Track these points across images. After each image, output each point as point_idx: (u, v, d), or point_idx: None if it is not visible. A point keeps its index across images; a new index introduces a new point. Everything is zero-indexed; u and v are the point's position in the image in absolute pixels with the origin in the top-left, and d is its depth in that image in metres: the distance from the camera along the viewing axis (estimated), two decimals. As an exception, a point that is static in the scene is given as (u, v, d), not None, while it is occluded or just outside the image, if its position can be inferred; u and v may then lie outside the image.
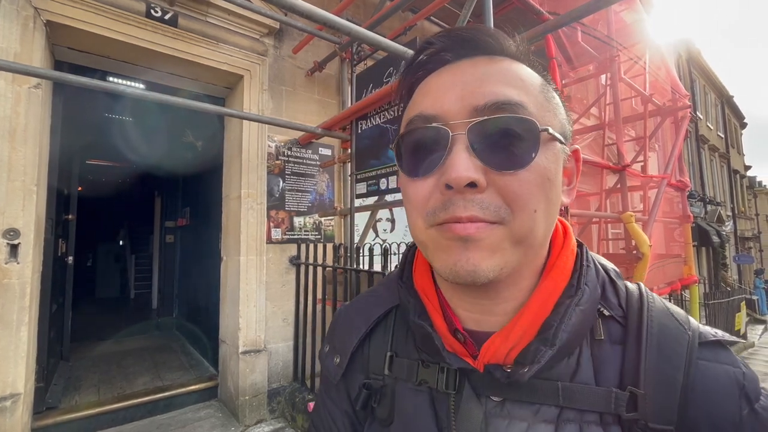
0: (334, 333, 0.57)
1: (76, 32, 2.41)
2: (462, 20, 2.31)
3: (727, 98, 18.40)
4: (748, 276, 17.40)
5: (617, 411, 0.38)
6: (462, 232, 0.36)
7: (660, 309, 0.42)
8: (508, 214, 0.36)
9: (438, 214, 0.37)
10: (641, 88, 4.45)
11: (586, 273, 0.43)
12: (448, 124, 0.38)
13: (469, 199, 0.36)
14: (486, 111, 0.37)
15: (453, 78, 0.40)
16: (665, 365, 0.39)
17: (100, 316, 6.06)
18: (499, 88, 0.38)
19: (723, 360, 0.40)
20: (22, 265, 2.10)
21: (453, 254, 0.37)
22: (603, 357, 0.41)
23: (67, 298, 3.47)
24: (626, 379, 0.39)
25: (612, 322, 0.42)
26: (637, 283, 0.46)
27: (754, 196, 22.87)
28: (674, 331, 0.40)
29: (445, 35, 0.42)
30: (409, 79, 0.45)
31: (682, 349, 0.39)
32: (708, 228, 12.35)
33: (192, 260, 4.51)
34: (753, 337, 9.10)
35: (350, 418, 0.52)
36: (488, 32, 0.42)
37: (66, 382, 3.15)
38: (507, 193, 0.36)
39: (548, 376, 0.40)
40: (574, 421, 0.38)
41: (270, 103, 3.19)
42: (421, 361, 0.46)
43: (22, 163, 2.12)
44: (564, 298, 0.41)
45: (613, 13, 3.98)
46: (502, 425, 0.40)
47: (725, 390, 0.38)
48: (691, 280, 4.86)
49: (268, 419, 2.87)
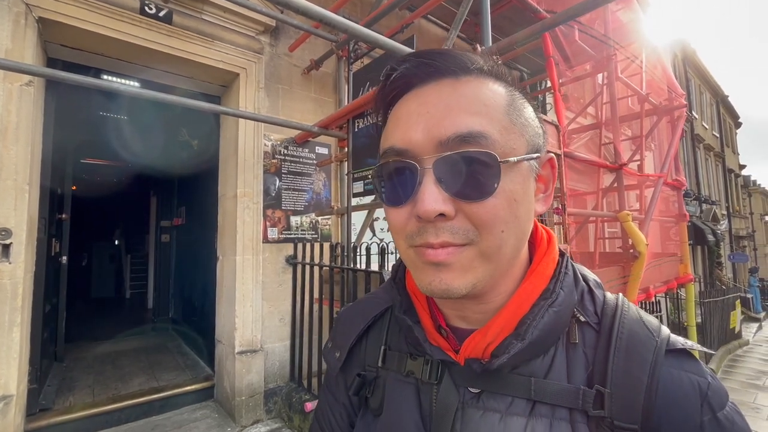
0: (336, 330, 0.62)
1: (68, 29, 2.38)
2: (459, 19, 2.30)
3: (722, 98, 18.52)
4: (743, 274, 17.54)
5: (584, 407, 0.41)
6: (434, 259, 0.40)
7: (632, 317, 0.45)
8: (476, 235, 0.40)
9: (414, 239, 0.41)
10: (638, 88, 4.46)
11: (563, 279, 0.46)
12: (417, 159, 0.41)
13: (439, 227, 0.40)
14: (450, 144, 0.39)
15: (419, 107, 0.42)
16: (631, 367, 0.41)
17: (95, 317, 6.02)
18: (462, 119, 0.40)
19: (688, 368, 0.42)
20: (14, 266, 2.07)
21: (428, 275, 0.41)
22: (576, 359, 0.44)
23: (60, 299, 3.44)
24: (595, 378, 0.42)
25: (587, 328, 0.46)
26: (617, 294, 0.49)
27: (748, 195, 23.04)
28: (643, 338, 0.43)
29: (411, 59, 0.44)
30: (380, 103, 0.48)
31: (648, 354, 0.41)
32: (703, 227, 12.43)
33: (188, 260, 4.48)
34: (748, 335, 9.17)
35: (347, 408, 0.57)
36: (451, 56, 0.43)
37: (60, 383, 3.12)
38: (474, 218, 0.40)
39: (523, 372, 0.43)
40: (546, 416, 0.41)
41: (266, 101, 3.16)
42: (409, 353, 0.51)
43: (13, 162, 2.09)
44: (540, 300, 0.44)
45: (609, 12, 3.98)
46: (477, 415, 0.44)
47: (687, 396, 0.40)
48: (686, 279, 4.88)
49: (265, 419, 2.85)
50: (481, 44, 2.26)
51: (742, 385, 5.78)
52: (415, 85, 0.44)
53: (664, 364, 0.41)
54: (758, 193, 25.15)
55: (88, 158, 5.87)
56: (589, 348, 0.44)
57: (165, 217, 5.33)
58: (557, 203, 2.86)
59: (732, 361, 7.13)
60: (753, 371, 6.49)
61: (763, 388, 5.56)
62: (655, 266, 4.16)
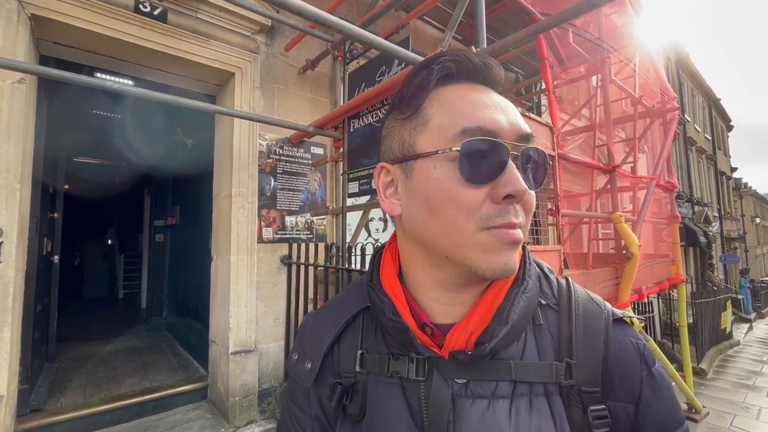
0: (303, 340, 0.59)
1: (62, 26, 2.36)
2: (455, 20, 2.31)
3: (714, 101, 18.74)
4: (734, 275, 17.74)
5: (558, 380, 0.46)
6: (516, 238, 0.44)
7: (583, 296, 0.52)
8: (524, 219, 0.46)
9: (493, 219, 0.43)
10: (631, 90, 4.50)
11: (529, 268, 0.52)
12: (509, 144, 0.44)
13: (518, 208, 0.45)
14: (525, 139, 0.46)
15: (489, 100, 0.46)
16: (590, 339, 0.48)
17: (87, 316, 5.96)
18: (524, 122, 0.47)
19: (628, 333, 0.50)
20: (4, 265, 2.05)
21: (503, 256, 0.44)
22: (543, 339, 0.49)
23: (52, 298, 3.40)
24: (562, 353, 0.48)
25: (548, 310, 0.51)
26: (565, 277, 0.56)
27: (739, 198, 23.32)
28: (595, 312, 0.50)
29: (480, 59, 0.48)
30: (426, 77, 0.48)
31: (601, 325, 0.49)
32: (695, 228, 12.56)
33: (182, 259, 4.45)
34: (738, 336, 9.27)
35: (320, 422, 0.54)
36: (499, 68, 0.49)
37: (51, 383, 3.09)
38: (527, 204, 0.46)
39: (502, 356, 0.47)
40: (525, 394, 0.46)
41: (261, 100, 3.16)
42: (391, 354, 0.51)
43: (5, 160, 2.07)
44: (513, 288, 0.49)
45: (603, 16, 4.01)
46: (467, 404, 0.46)
47: (631, 357, 0.48)
48: (678, 280, 4.92)
49: (259, 420, 2.84)
50: (477, 46, 2.27)
51: (733, 385, 5.84)
52: (466, 80, 0.48)
53: (612, 332, 0.49)
54: (749, 195, 25.47)
55: (81, 157, 5.82)
56: (552, 327, 0.50)
57: (159, 216, 5.30)
58: (551, 204, 2.88)
59: (723, 361, 7.21)
60: (743, 371, 6.56)
61: (753, 388, 5.63)
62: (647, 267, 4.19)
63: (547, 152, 2.72)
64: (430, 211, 0.46)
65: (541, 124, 2.74)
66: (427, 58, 0.50)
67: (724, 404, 4.97)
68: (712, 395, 5.33)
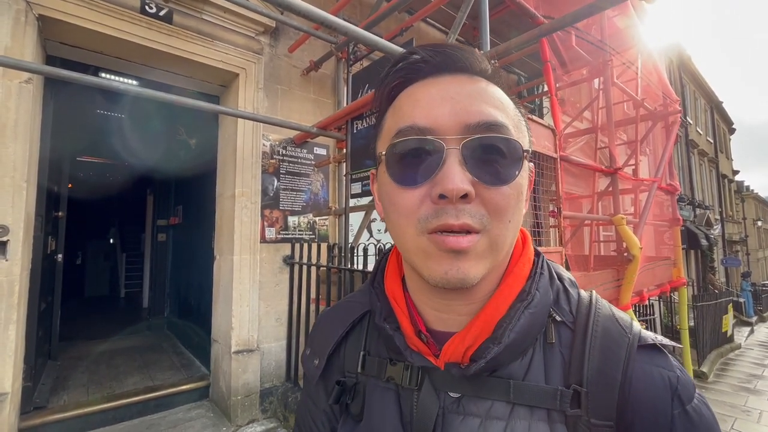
0: (314, 337, 0.61)
1: (68, 27, 2.38)
2: (458, 22, 2.32)
3: (716, 104, 18.72)
4: (736, 279, 17.70)
5: (562, 408, 0.41)
6: (456, 246, 0.39)
7: (605, 315, 0.46)
8: (489, 222, 0.40)
9: (430, 221, 0.40)
10: (633, 93, 4.51)
11: (538, 280, 0.47)
12: (443, 138, 0.40)
13: (460, 208, 0.39)
14: (477, 129, 0.40)
15: (441, 92, 0.42)
16: (605, 365, 0.42)
17: (89, 315, 5.98)
18: (487, 109, 0.41)
19: (658, 363, 0.43)
20: (10, 263, 2.06)
21: (443, 264, 0.40)
22: (553, 359, 0.44)
23: (56, 297, 3.42)
24: (572, 378, 0.42)
25: (563, 327, 0.46)
26: (590, 291, 0.49)
27: (741, 201, 23.27)
28: (616, 335, 0.44)
29: (433, 49, 0.44)
30: (389, 83, 0.47)
31: (621, 351, 0.42)
32: (697, 231, 12.54)
33: (184, 259, 4.47)
34: (740, 339, 9.25)
35: (328, 415, 0.55)
36: (471, 53, 0.44)
37: (54, 381, 3.10)
38: (490, 204, 0.40)
39: (502, 374, 0.43)
40: (525, 418, 0.41)
41: (265, 101, 3.17)
42: (389, 359, 0.50)
43: (11, 159, 2.09)
44: (516, 302, 0.45)
45: (606, 18, 4.03)
46: (456, 420, 0.44)
47: (658, 390, 0.41)
48: (679, 283, 4.93)
49: (261, 419, 2.85)
50: (480, 48, 2.28)
51: (734, 388, 5.83)
52: (429, 74, 0.44)
53: (637, 359, 0.42)
54: (751, 198, 25.41)
55: (85, 156, 5.84)
56: (565, 347, 0.45)
57: (162, 215, 5.32)
58: (553, 206, 2.89)
59: (724, 364, 7.20)
60: (744, 375, 6.55)
61: (754, 392, 5.62)
62: (648, 269, 4.20)
63: (550, 154, 2.74)
64: (386, 215, 0.46)
65: (543, 126, 2.75)
66: (389, 64, 0.47)
67: (725, 407, 4.96)
68: (713, 398, 5.33)
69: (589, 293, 0.49)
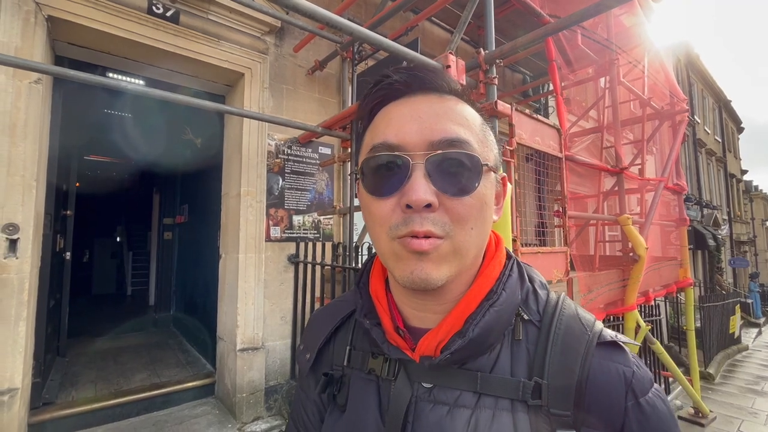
0: (307, 333, 0.66)
1: (77, 28, 2.41)
2: (463, 21, 2.32)
3: (724, 102, 18.51)
4: (743, 279, 17.52)
5: (524, 398, 0.45)
6: (418, 248, 0.43)
7: (570, 314, 0.50)
8: (451, 229, 0.44)
9: (399, 228, 0.44)
10: (640, 92, 4.47)
11: (506, 280, 0.51)
12: (409, 154, 0.45)
13: (424, 216, 0.43)
14: (440, 145, 0.45)
15: (411, 112, 0.47)
16: (565, 360, 0.46)
17: (96, 313, 6.05)
18: (450, 126, 0.46)
19: (615, 359, 0.46)
20: (20, 260, 2.09)
21: (409, 265, 0.44)
22: (519, 354, 0.48)
23: (64, 294, 3.46)
24: (534, 371, 0.46)
25: (530, 325, 0.50)
26: (559, 294, 0.54)
27: (749, 201, 23.00)
28: (577, 332, 0.48)
29: (407, 72, 0.50)
30: (369, 103, 0.52)
31: (581, 347, 0.46)
32: (704, 231, 12.43)
33: (190, 257, 4.50)
34: (747, 341, 9.16)
35: (318, 405, 0.60)
36: (443, 74, 0.50)
37: (63, 377, 3.15)
38: (452, 213, 0.44)
39: (471, 367, 0.48)
40: (489, 408, 0.45)
41: (270, 101, 3.19)
42: (371, 352, 0.55)
43: (21, 158, 2.12)
44: (484, 300, 0.49)
45: (612, 17, 4.00)
46: (427, 407, 0.48)
47: (614, 383, 0.45)
48: (686, 283, 4.88)
49: (265, 417, 2.87)
50: (485, 47, 2.28)
51: (741, 390, 5.78)
52: (404, 94, 0.49)
53: (595, 355, 0.46)
54: (760, 198, 25.12)
55: (93, 155, 5.90)
56: (531, 344, 0.49)
57: (168, 214, 5.36)
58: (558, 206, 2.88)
59: (731, 366, 7.13)
60: (752, 376, 6.49)
61: (761, 393, 5.57)
62: (654, 270, 4.17)
63: (555, 154, 2.73)
64: (365, 222, 0.51)
65: (549, 126, 2.74)
66: (375, 81, 0.52)
67: (732, 409, 4.92)
68: (720, 400, 5.29)
69: (558, 295, 0.53)
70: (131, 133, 4.45)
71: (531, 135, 2.50)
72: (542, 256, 2.50)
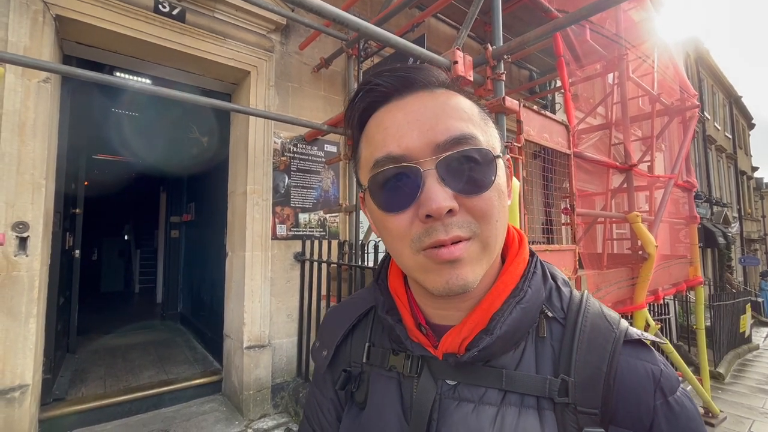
0: (323, 330, 0.65)
1: (84, 27, 2.42)
2: (470, 18, 2.30)
3: (735, 98, 18.21)
4: (754, 278, 17.26)
5: (551, 395, 0.44)
6: (449, 257, 0.42)
7: (595, 312, 0.49)
8: (477, 227, 0.43)
9: (423, 240, 0.43)
10: (649, 88, 4.41)
11: (531, 278, 0.50)
12: (417, 162, 0.43)
13: (447, 223, 0.42)
14: (447, 146, 0.43)
15: (407, 116, 0.45)
16: (592, 357, 0.45)
17: (105, 310, 6.12)
18: (452, 123, 0.44)
19: (643, 357, 0.46)
20: (30, 258, 2.12)
21: (443, 275, 0.43)
22: (544, 351, 0.47)
23: (73, 292, 3.50)
24: (560, 369, 0.45)
25: (555, 323, 0.49)
26: (582, 291, 0.53)
27: (761, 198, 22.64)
28: (603, 330, 0.47)
29: (390, 74, 0.48)
30: (356, 111, 0.50)
31: (608, 345, 0.45)
32: (714, 229, 12.26)
33: (197, 255, 4.53)
34: (758, 340, 9.02)
35: (334, 404, 0.60)
36: (427, 69, 0.48)
37: (72, 374, 3.18)
38: (475, 211, 0.43)
39: (495, 365, 0.47)
40: (515, 405, 0.45)
41: (276, 99, 3.19)
42: (392, 349, 0.54)
43: (31, 157, 2.14)
44: (510, 298, 0.48)
45: (621, 12, 3.94)
46: (452, 405, 0.47)
47: (642, 381, 0.44)
48: (696, 282, 4.82)
49: (272, 414, 2.89)
50: (492, 43, 2.26)
51: (751, 389, 5.70)
52: (392, 97, 0.47)
53: (622, 353, 0.45)
54: (771, 195, 24.67)
55: (101, 154, 5.95)
56: (556, 341, 0.48)
57: (174, 212, 5.40)
58: (566, 203, 2.85)
59: (741, 365, 7.03)
60: (762, 376, 6.40)
61: (772, 393, 5.48)
62: (664, 268, 4.12)
63: (563, 150, 2.69)
64: (382, 238, 0.49)
65: (557, 122, 2.71)
66: (358, 88, 0.50)
67: (742, 409, 4.86)
68: (730, 399, 5.21)
69: (581, 293, 0.52)
70: (138, 132, 4.48)
71: (539, 131, 2.47)
72: (550, 254, 2.48)
